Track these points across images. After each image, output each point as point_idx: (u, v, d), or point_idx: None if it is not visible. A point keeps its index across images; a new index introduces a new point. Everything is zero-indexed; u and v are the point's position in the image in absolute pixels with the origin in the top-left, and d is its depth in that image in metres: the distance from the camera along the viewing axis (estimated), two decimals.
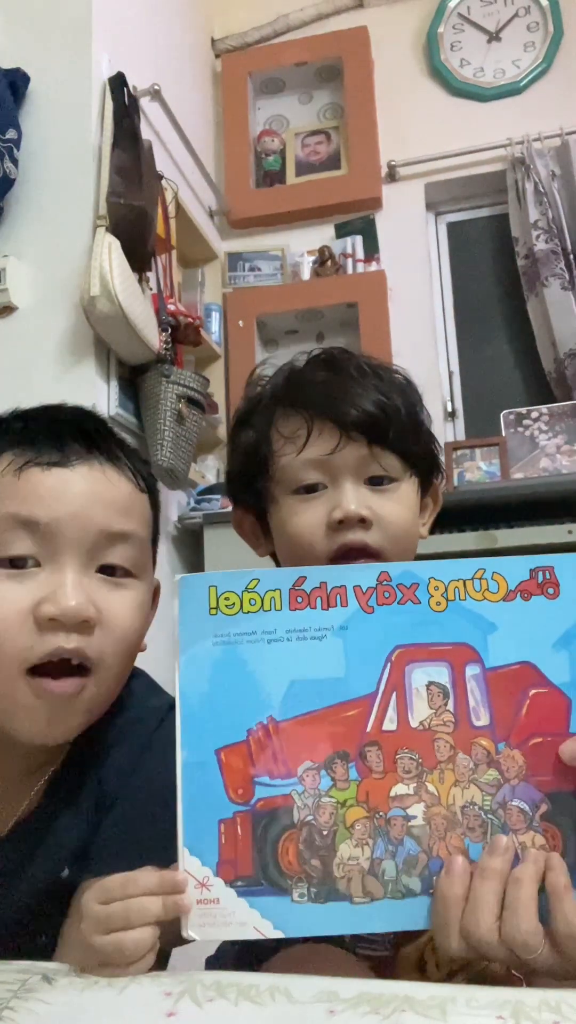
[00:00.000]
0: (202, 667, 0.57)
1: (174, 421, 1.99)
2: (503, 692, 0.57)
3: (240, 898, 0.53)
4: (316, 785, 0.55)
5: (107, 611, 0.61)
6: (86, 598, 0.59)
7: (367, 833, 0.54)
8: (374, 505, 0.74)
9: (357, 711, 0.56)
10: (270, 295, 2.81)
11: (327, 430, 0.74)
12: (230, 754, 0.55)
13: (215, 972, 0.42)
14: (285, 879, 0.53)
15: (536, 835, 0.54)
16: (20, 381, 1.90)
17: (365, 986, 0.41)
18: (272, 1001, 0.39)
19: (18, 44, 2.04)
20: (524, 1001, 0.40)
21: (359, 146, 2.86)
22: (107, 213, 1.88)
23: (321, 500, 0.74)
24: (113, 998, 0.39)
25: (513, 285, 2.74)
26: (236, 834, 0.54)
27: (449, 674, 0.57)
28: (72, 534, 0.60)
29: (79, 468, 0.62)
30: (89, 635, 0.60)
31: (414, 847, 0.54)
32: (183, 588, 0.59)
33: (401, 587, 0.58)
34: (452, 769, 0.55)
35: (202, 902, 0.52)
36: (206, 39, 3.04)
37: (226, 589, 0.58)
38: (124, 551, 0.63)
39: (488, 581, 0.58)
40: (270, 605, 0.58)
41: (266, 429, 0.78)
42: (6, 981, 0.40)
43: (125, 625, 0.63)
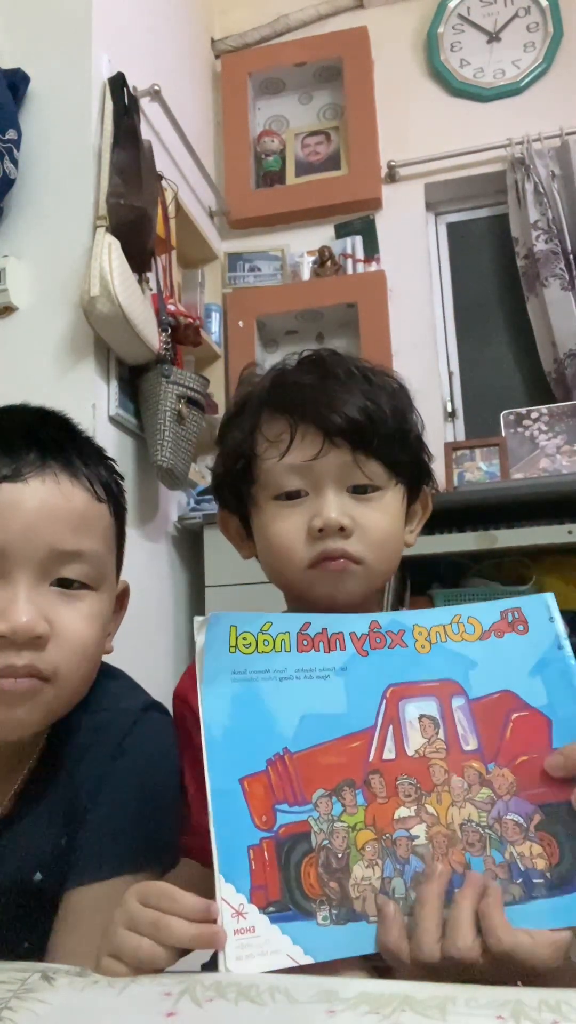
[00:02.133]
0: (223, 701, 0.61)
1: (174, 421, 1.99)
2: (488, 718, 0.63)
3: (273, 924, 0.55)
4: (329, 811, 0.59)
5: (60, 624, 0.61)
6: (37, 613, 0.59)
7: (376, 854, 0.58)
8: (355, 514, 0.73)
9: (360, 743, 0.62)
10: (270, 295, 2.81)
11: (310, 435, 0.73)
12: (253, 783, 0.59)
13: (215, 973, 0.42)
14: (309, 902, 0.56)
15: (533, 844, 0.58)
16: (20, 381, 1.90)
17: (365, 986, 0.41)
18: (272, 1001, 0.39)
19: (18, 44, 2.04)
20: (524, 1001, 0.40)
21: (359, 146, 2.86)
22: (107, 213, 1.88)
23: (302, 507, 0.73)
24: (113, 998, 0.39)
25: (513, 285, 2.75)
26: (264, 859, 0.57)
27: (438, 707, 0.63)
28: (23, 551, 0.59)
29: (32, 482, 0.61)
30: (41, 650, 0.59)
31: (419, 864, 0.58)
32: (210, 626, 0.64)
33: (390, 633, 0.66)
34: (448, 791, 0.60)
35: (239, 932, 0.54)
36: (206, 39, 3.04)
37: (244, 630, 0.64)
38: (78, 567, 0.62)
39: (464, 625, 0.66)
40: (281, 647, 0.64)
41: (251, 431, 0.76)
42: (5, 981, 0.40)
43: (79, 637, 0.62)
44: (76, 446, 0.67)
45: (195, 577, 2.35)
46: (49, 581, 0.61)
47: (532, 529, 1.96)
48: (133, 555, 2.05)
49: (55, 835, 0.67)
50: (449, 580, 2.13)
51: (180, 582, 2.31)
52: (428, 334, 2.76)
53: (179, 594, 2.30)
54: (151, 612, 2.13)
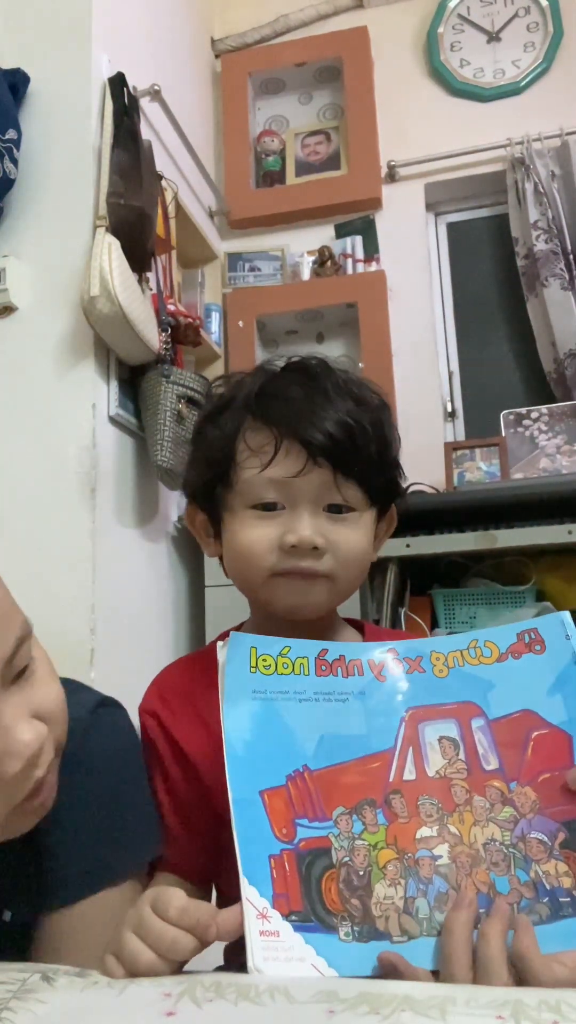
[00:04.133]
0: (243, 717, 0.64)
1: (174, 421, 1.99)
2: (508, 738, 0.63)
3: (297, 933, 0.56)
4: (350, 829, 0.60)
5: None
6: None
7: (399, 873, 0.58)
8: (329, 533, 0.74)
9: (379, 763, 0.63)
10: (270, 295, 2.81)
11: (294, 451, 0.72)
12: (273, 796, 0.61)
13: (214, 973, 0.42)
14: (331, 917, 0.57)
15: (558, 863, 0.57)
16: (20, 381, 1.90)
17: (364, 986, 0.41)
18: (272, 1001, 0.39)
19: (18, 44, 2.04)
20: (524, 1001, 0.40)
21: (359, 146, 2.86)
22: (107, 213, 1.87)
23: (277, 520, 0.74)
24: (113, 998, 0.39)
25: (513, 285, 2.74)
26: (285, 869, 0.58)
27: (458, 728, 0.64)
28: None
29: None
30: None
31: (443, 884, 0.58)
32: (231, 646, 0.66)
33: (407, 659, 0.67)
34: (470, 811, 0.60)
35: (264, 934, 0.55)
36: (206, 39, 3.04)
37: (264, 652, 0.66)
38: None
39: (481, 648, 0.67)
40: (300, 670, 0.66)
41: (233, 436, 0.76)
42: (5, 981, 0.40)
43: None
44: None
45: (195, 577, 2.35)
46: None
47: (532, 529, 1.96)
48: (133, 555, 2.06)
49: (17, 868, 0.64)
50: (449, 580, 2.13)
51: (180, 582, 2.31)
52: (428, 334, 2.76)
53: (179, 594, 2.30)
54: (151, 612, 2.13)
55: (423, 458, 2.34)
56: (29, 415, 1.89)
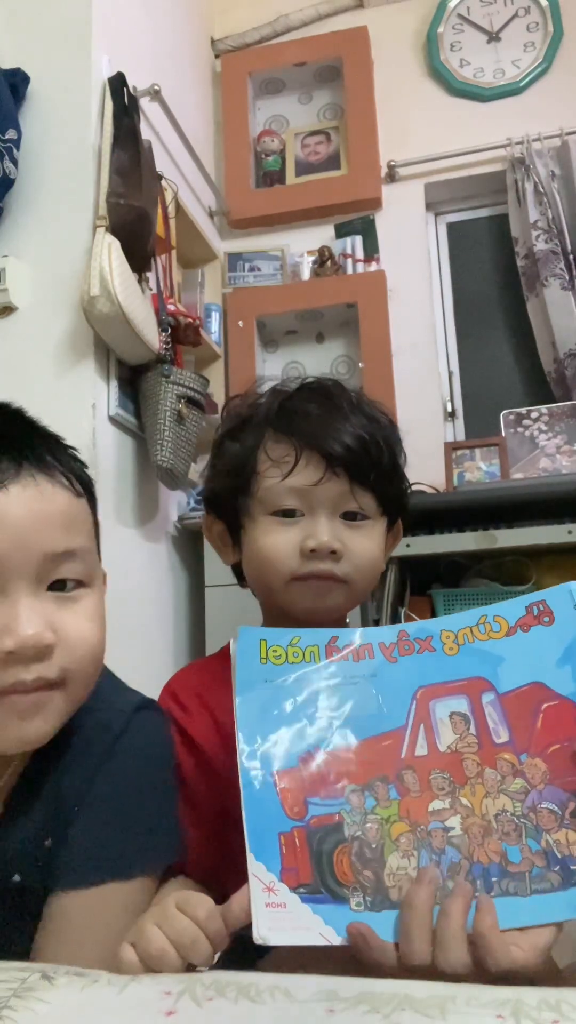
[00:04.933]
0: (256, 704, 0.65)
1: (174, 421, 1.99)
2: (518, 710, 0.63)
3: (304, 904, 0.57)
4: (362, 804, 0.61)
5: (64, 629, 0.59)
6: (42, 624, 0.57)
7: (411, 845, 0.59)
8: (345, 538, 0.78)
9: (391, 741, 0.64)
10: (270, 295, 2.81)
11: (314, 461, 0.78)
12: (284, 776, 0.62)
13: (214, 971, 0.42)
14: (342, 888, 0.58)
15: (569, 832, 0.58)
16: (20, 381, 1.90)
17: (365, 985, 0.41)
18: (272, 1000, 0.39)
19: (18, 44, 2.04)
20: (524, 1000, 0.40)
21: (359, 146, 2.86)
22: (107, 213, 1.87)
23: (297, 526, 0.78)
24: (113, 997, 0.39)
25: (513, 285, 2.74)
26: (295, 846, 0.59)
27: (468, 704, 0.65)
28: (16, 563, 0.57)
29: (12, 489, 0.58)
30: (49, 659, 0.58)
31: (456, 855, 0.59)
32: (240, 638, 0.68)
33: (418, 640, 0.68)
34: (481, 783, 0.61)
35: (270, 905, 0.56)
36: (206, 39, 3.04)
37: (274, 643, 0.68)
38: (73, 566, 0.61)
39: (491, 624, 0.68)
40: (310, 658, 0.68)
41: (254, 448, 0.81)
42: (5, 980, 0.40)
43: (85, 639, 0.61)
44: (44, 442, 0.64)
45: (195, 577, 2.35)
46: (45, 586, 0.59)
47: (532, 529, 1.96)
48: (133, 555, 2.06)
49: (36, 837, 0.66)
50: (449, 580, 2.13)
51: (180, 582, 2.31)
52: (428, 334, 2.76)
53: (179, 594, 2.30)
54: (151, 612, 2.13)
55: (423, 458, 2.34)
56: None
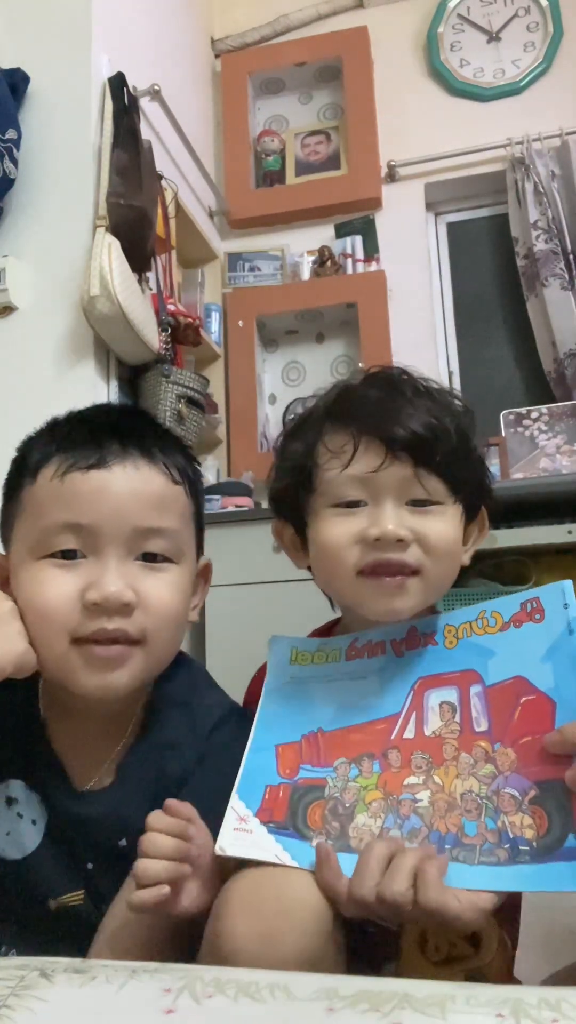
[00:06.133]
0: (278, 695, 0.75)
1: (174, 421, 1.99)
2: (500, 702, 0.67)
3: (269, 834, 0.64)
4: (346, 774, 0.68)
5: (146, 593, 0.68)
6: (125, 584, 0.66)
7: (381, 809, 0.65)
8: (414, 525, 0.72)
9: (385, 725, 0.70)
10: (270, 295, 2.81)
11: (373, 447, 0.72)
12: (285, 748, 0.70)
13: (215, 968, 0.42)
14: (308, 830, 0.65)
15: (524, 816, 0.62)
16: (20, 381, 1.90)
17: (364, 983, 0.41)
18: (271, 998, 0.39)
19: (18, 44, 2.04)
20: (524, 999, 0.40)
21: (359, 146, 2.86)
22: (107, 213, 1.88)
23: (360, 516, 0.73)
24: (112, 995, 0.39)
25: (513, 285, 2.74)
26: (278, 795, 0.67)
27: (457, 694, 0.69)
28: (111, 531, 0.67)
29: (115, 468, 0.68)
30: (129, 616, 0.67)
31: (418, 822, 0.64)
32: (272, 645, 0.79)
33: (424, 635, 0.73)
34: (456, 765, 0.66)
35: (238, 830, 0.64)
36: (206, 39, 3.05)
37: (303, 649, 0.78)
38: (160, 542, 0.70)
39: (488, 619, 0.72)
40: (333, 658, 0.76)
41: (314, 443, 0.77)
42: (4, 978, 0.40)
43: (164, 604, 0.69)
44: (154, 436, 0.74)
45: None
46: (134, 556, 0.69)
47: (532, 529, 1.96)
48: None
49: (143, 809, 0.71)
50: None
51: None
52: (428, 334, 2.76)
53: None
54: None
55: None
56: (29, 415, 1.88)
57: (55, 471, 0.68)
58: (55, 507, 0.67)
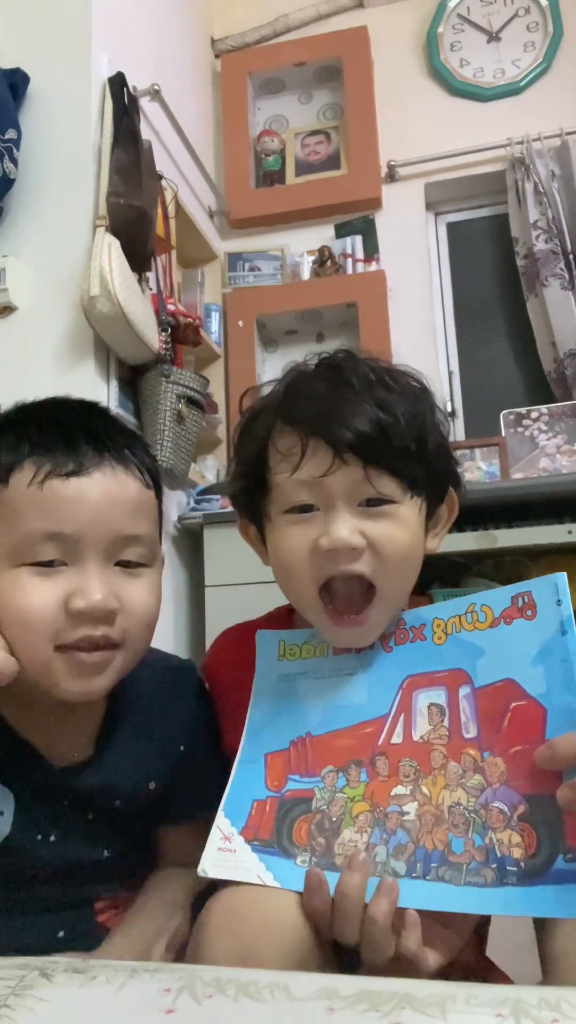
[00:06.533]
0: (267, 696, 0.73)
1: (174, 421, 1.99)
2: (489, 707, 0.64)
3: (253, 853, 0.63)
4: (334, 784, 0.66)
5: (126, 599, 0.68)
6: (109, 591, 0.67)
7: (368, 823, 0.63)
8: (368, 530, 0.69)
9: (372, 728, 0.67)
10: (270, 295, 2.81)
11: (321, 450, 0.69)
12: (275, 757, 0.69)
13: (214, 968, 0.42)
14: (294, 847, 0.64)
15: (513, 833, 0.59)
16: (20, 381, 1.90)
17: (365, 983, 0.41)
18: (271, 998, 0.39)
19: (18, 44, 2.04)
20: (524, 999, 0.40)
21: (359, 146, 2.86)
22: (107, 213, 1.88)
23: (312, 524, 0.70)
24: (111, 995, 0.39)
25: (513, 285, 2.75)
26: (264, 811, 0.66)
27: (446, 696, 0.66)
28: (92, 539, 0.67)
29: (95, 475, 0.68)
30: (112, 623, 0.68)
31: (404, 837, 0.62)
32: (260, 641, 0.76)
33: (412, 628, 0.71)
34: (444, 775, 0.63)
35: (222, 850, 0.64)
36: (206, 39, 3.05)
37: (291, 643, 0.75)
38: (137, 549, 0.70)
39: (478, 613, 0.68)
40: (320, 652, 0.74)
41: (264, 443, 0.75)
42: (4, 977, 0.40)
43: (143, 608, 0.70)
44: (124, 438, 0.73)
45: (195, 577, 2.35)
46: (113, 562, 0.69)
47: (532, 529, 1.96)
48: None
49: (138, 779, 0.77)
50: (449, 580, 2.13)
51: (180, 582, 2.31)
52: (428, 334, 2.76)
53: (179, 594, 2.30)
54: None
55: None
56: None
57: (32, 477, 0.66)
58: (34, 515, 0.66)
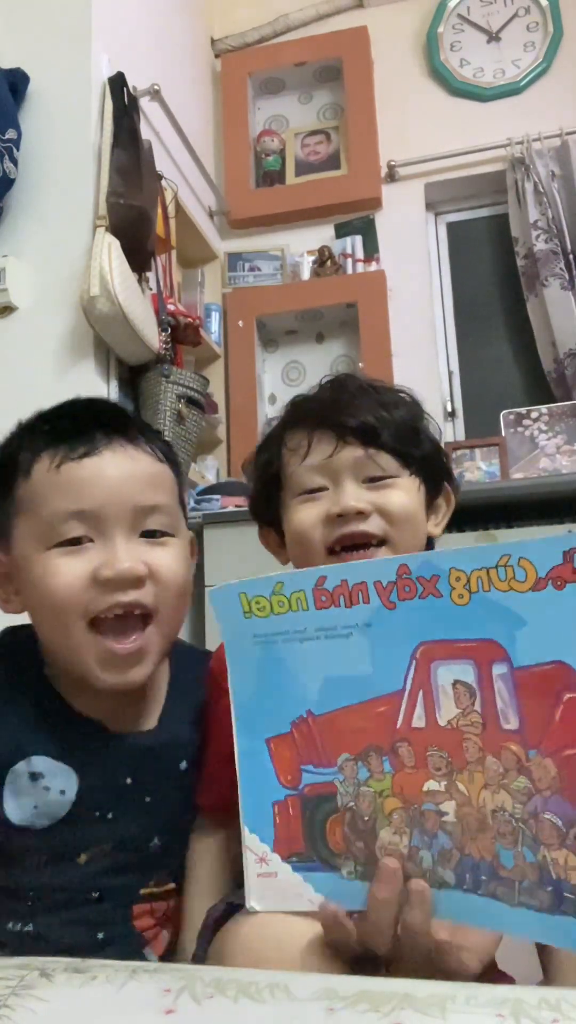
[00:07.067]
0: (247, 666, 0.62)
1: (174, 421, 1.99)
2: (534, 694, 0.52)
3: (295, 873, 0.58)
4: (355, 775, 0.58)
5: (155, 565, 0.71)
6: (135, 558, 0.69)
7: (404, 822, 0.56)
8: (373, 498, 0.78)
9: (386, 707, 0.57)
10: (270, 295, 2.81)
11: (326, 438, 0.80)
12: (278, 744, 0.60)
13: (215, 968, 0.42)
14: (334, 857, 0.57)
15: (570, 855, 0.50)
16: (20, 381, 1.90)
17: (365, 984, 0.41)
18: (272, 998, 0.39)
19: (18, 44, 2.04)
20: (524, 999, 0.40)
21: (359, 146, 2.86)
22: (107, 213, 1.88)
23: (323, 499, 0.80)
24: (112, 995, 0.39)
25: (513, 285, 2.74)
26: (288, 815, 0.59)
27: (475, 673, 0.54)
28: (113, 512, 0.70)
29: (105, 453, 0.72)
30: (142, 588, 0.70)
31: (447, 841, 0.55)
32: (215, 599, 0.63)
33: (421, 580, 0.56)
34: (481, 771, 0.54)
35: (262, 875, 0.59)
36: (206, 39, 3.04)
37: (255, 594, 0.61)
38: (159, 518, 0.73)
39: (514, 568, 0.52)
40: (297, 606, 0.60)
41: (277, 448, 0.85)
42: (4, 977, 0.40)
43: (172, 574, 0.73)
44: (131, 422, 0.78)
45: (195, 577, 2.34)
46: (137, 533, 0.72)
47: (532, 529, 1.96)
48: None
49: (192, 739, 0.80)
50: None
51: None
52: (428, 334, 2.76)
53: None
54: None
55: None
56: (29, 415, 1.88)
57: (49, 464, 0.71)
58: (55, 497, 0.70)
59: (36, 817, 0.73)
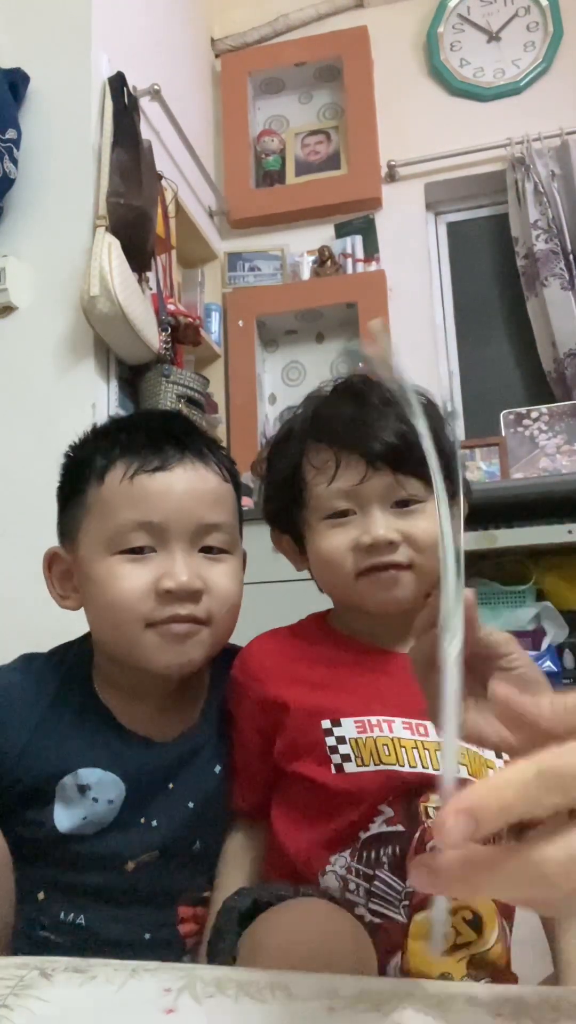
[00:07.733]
0: None
1: None
2: None
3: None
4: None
5: (210, 581, 0.75)
6: (194, 573, 0.74)
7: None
8: (402, 526, 0.79)
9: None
10: (270, 295, 2.81)
11: (354, 462, 0.79)
12: None
13: (215, 968, 0.42)
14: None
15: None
16: (20, 381, 1.90)
17: (365, 983, 0.41)
18: (272, 998, 0.39)
19: (18, 44, 2.04)
20: (524, 999, 0.40)
21: (359, 146, 2.86)
22: (107, 213, 1.87)
23: (351, 525, 0.79)
24: (112, 995, 0.39)
25: (513, 285, 2.74)
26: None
27: None
28: (178, 527, 0.74)
29: (176, 470, 0.76)
30: (198, 602, 0.74)
31: None
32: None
33: None
34: None
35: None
36: (206, 39, 3.04)
37: None
38: (218, 536, 0.77)
39: None
40: None
41: (298, 460, 0.83)
42: (3, 978, 0.40)
43: (227, 591, 0.77)
44: (202, 439, 0.81)
45: None
46: (197, 548, 0.76)
47: (532, 529, 1.96)
48: None
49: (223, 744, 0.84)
50: None
51: None
52: (428, 334, 2.76)
53: None
54: None
55: None
56: (29, 415, 1.88)
57: (123, 474, 0.75)
58: (126, 507, 0.74)
59: (85, 826, 0.77)
